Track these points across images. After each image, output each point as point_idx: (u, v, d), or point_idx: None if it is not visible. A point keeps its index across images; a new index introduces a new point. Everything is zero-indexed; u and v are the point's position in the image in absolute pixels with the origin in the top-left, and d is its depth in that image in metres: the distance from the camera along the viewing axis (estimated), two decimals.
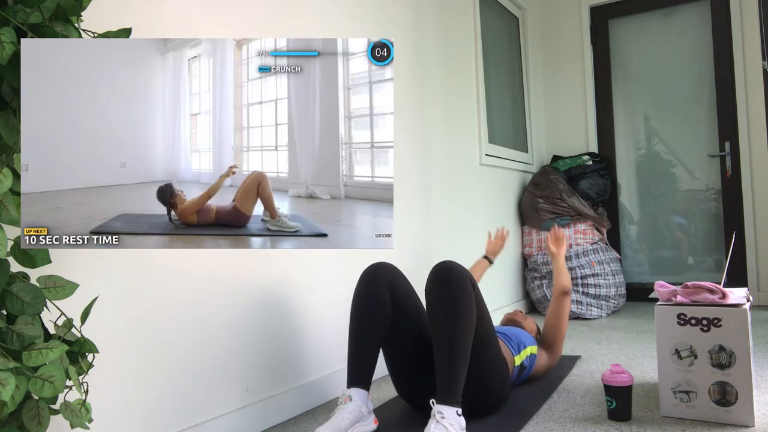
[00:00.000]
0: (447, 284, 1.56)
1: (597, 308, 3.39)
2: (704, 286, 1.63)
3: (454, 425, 1.43)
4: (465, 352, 1.52)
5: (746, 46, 3.56)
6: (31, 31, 0.97)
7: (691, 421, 1.62)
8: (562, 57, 4.15)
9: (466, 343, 1.53)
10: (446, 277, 1.57)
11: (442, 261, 1.63)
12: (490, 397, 1.70)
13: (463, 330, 1.53)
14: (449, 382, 1.49)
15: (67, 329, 1.05)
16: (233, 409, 1.66)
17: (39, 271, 1.20)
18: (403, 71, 2.54)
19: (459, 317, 1.53)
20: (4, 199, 0.95)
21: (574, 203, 3.49)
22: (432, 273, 1.61)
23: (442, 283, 1.57)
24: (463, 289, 1.56)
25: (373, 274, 1.73)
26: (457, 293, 1.55)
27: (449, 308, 1.54)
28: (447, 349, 1.51)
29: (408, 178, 2.54)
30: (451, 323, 1.52)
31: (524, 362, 1.95)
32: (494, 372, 1.68)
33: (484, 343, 1.64)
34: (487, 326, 1.66)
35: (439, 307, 1.55)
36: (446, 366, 1.51)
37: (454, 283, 1.56)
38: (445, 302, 1.55)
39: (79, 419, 1.01)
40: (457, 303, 1.54)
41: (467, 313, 1.55)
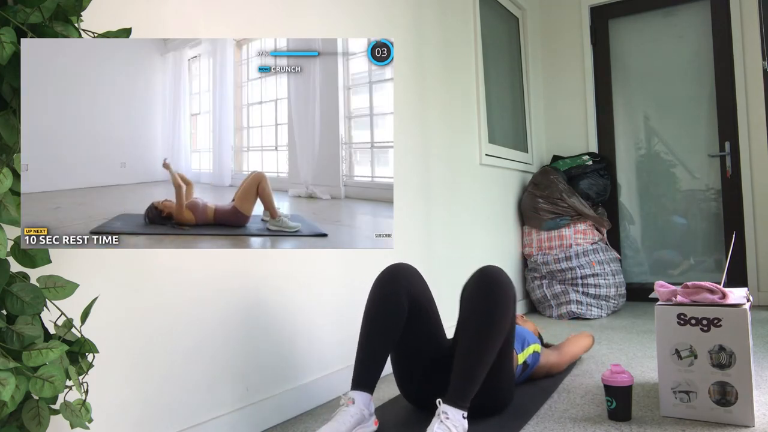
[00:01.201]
0: (490, 292, 1.53)
1: (597, 308, 3.39)
2: (704, 286, 1.63)
3: (457, 427, 1.44)
4: (488, 362, 1.52)
5: (746, 46, 3.56)
6: (31, 31, 0.97)
7: (691, 421, 1.62)
8: (562, 57, 4.15)
9: (491, 353, 1.52)
10: (490, 284, 1.54)
11: (489, 266, 1.59)
12: (498, 398, 1.70)
13: (494, 341, 1.52)
14: (464, 386, 1.49)
15: (67, 329, 1.05)
16: (233, 409, 1.66)
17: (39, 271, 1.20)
18: (403, 71, 2.54)
19: (493, 328, 1.51)
20: (4, 199, 0.95)
21: (574, 203, 3.49)
22: (477, 276, 1.57)
23: (485, 289, 1.54)
24: (505, 301, 1.53)
25: (393, 277, 1.68)
26: (498, 304, 1.52)
27: (486, 317, 1.52)
28: (472, 355, 1.50)
29: (408, 178, 2.53)
30: (484, 332, 1.51)
31: (527, 360, 1.95)
32: (506, 377, 1.68)
33: (504, 351, 1.62)
34: (511, 335, 1.64)
35: (475, 312, 1.53)
36: (466, 370, 1.50)
37: (497, 294, 1.53)
38: (483, 310, 1.52)
39: (79, 419, 1.01)
40: (495, 314, 1.52)
41: (502, 326, 1.53)
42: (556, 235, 3.48)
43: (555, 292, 3.44)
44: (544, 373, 2.09)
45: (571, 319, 3.38)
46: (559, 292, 3.42)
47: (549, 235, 3.51)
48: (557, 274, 3.45)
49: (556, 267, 3.44)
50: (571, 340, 2.27)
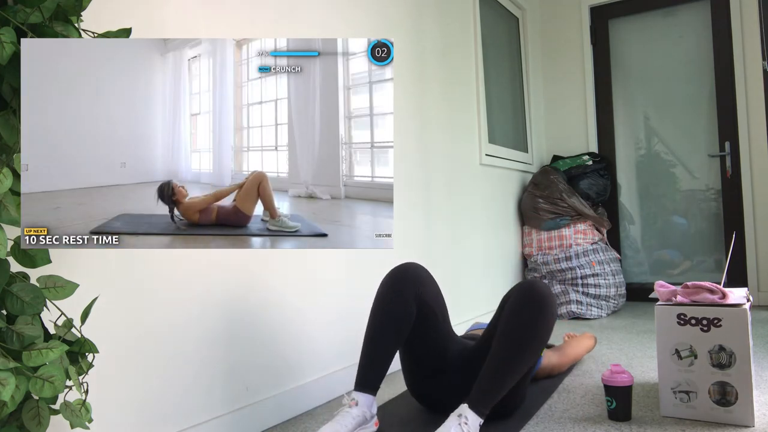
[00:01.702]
0: (537, 310, 1.52)
1: (597, 308, 3.39)
2: (704, 286, 1.63)
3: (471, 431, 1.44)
4: (518, 375, 1.53)
5: (746, 46, 3.56)
6: (31, 31, 0.97)
7: (691, 421, 1.61)
8: (562, 57, 4.15)
9: (525, 367, 1.53)
10: (540, 302, 1.53)
11: (539, 282, 1.58)
12: (511, 405, 1.69)
13: (530, 357, 1.53)
14: (488, 394, 1.49)
15: (67, 329, 1.05)
16: (233, 409, 1.66)
17: (39, 271, 1.20)
18: (403, 71, 2.54)
19: (533, 344, 1.52)
20: (4, 199, 0.95)
21: (574, 203, 3.49)
22: (527, 289, 1.56)
23: (533, 306, 1.53)
24: (550, 321, 1.54)
25: (402, 276, 1.66)
26: (543, 323, 1.52)
27: (526, 334, 1.52)
28: (503, 366, 1.50)
29: (408, 178, 2.53)
30: (524, 347, 1.51)
31: None
32: (523, 386, 1.68)
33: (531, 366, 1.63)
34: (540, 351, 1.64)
35: (519, 325, 1.52)
36: (496, 379, 1.50)
37: (545, 313, 1.53)
38: (528, 325, 1.52)
39: (79, 419, 1.01)
40: (538, 332, 1.52)
41: (541, 345, 1.55)
42: (556, 235, 3.48)
43: (555, 292, 3.44)
44: (545, 374, 2.09)
45: (571, 319, 3.38)
46: (559, 292, 3.43)
47: (549, 235, 3.51)
48: (557, 274, 3.45)
49: (556, 267, 3.44)
50: (573, 342, 2.27)
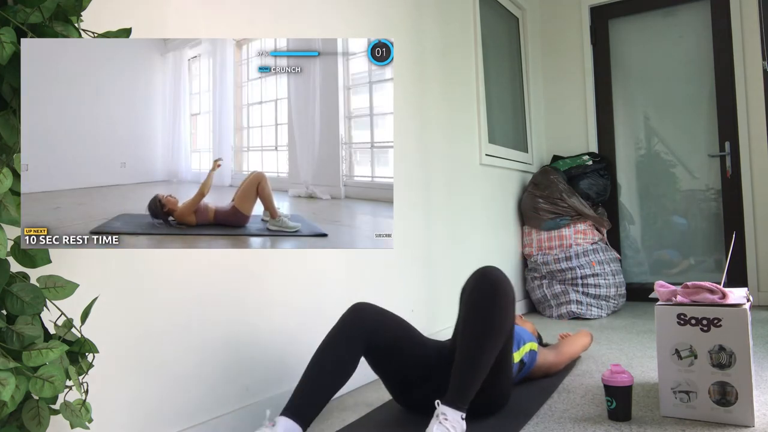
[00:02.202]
0: (491, 295, 1.52)
1: (597, 308, 3.39)
2: (704, 286, 1.63)
3: (456, 428, 1.43)
4: (487, 364, 1.51)
5: (746, 46, 3.56)
6: (31, 31, 0.97)
7: (691, 421, 1.62)
8: (562, 57, 4.15)
9: (491, 355, 1.51)
10: (491, 287, 1.53)
11: (489, 267, 1.57)
12: (496, 399, 1.70)
13: (494, 344, 1.51)
14: (463, 388, 1.48)
15: (67, 329, 1.05)
16: (233, 409, 1.66)
17: (39, 271, 1.20)
18: (403, 71, 2.54)
19: (494, 331, 1.50)
20: (4, 199, 0.95)
21: (574, 203, 3.49)
22: (478, 278, 1.56)
23: (485, 291, 1.52)
24: (506, 303, 1.52)
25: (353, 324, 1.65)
26: (499, 307, 1.51)
27: (487, 320, 1.51)
28: (472, 357, 1.49)
29: (408, 178, 2.54)
30: (485, 334, 1.50)
31: (524, 358, 1.95)
32: (505, 378, 1.68)
33: (504, 353, 1.61)
34: (511, 337, 1.63)
35: (476, 314, 1.52)
36: (465, 372, 1.49)
37: (498, 296, 1.52)
38: (484, 312, 1.51)
39: (79, 419, 1.01)
40: (496, 317, 1.51)
41: (503, 329, 1.52)
42: (556, 235, 3.48)
43: (555, 292, 3.44)
44: (542, 373, 2.09)
45: (571, 319, 3.38)
46: (559, 292, 3.42)
47: (549, 235, 3.51)
48: (557, 274, 3.45)
49: (556, 267, 3.44)
50: (570, 340, 2.27)
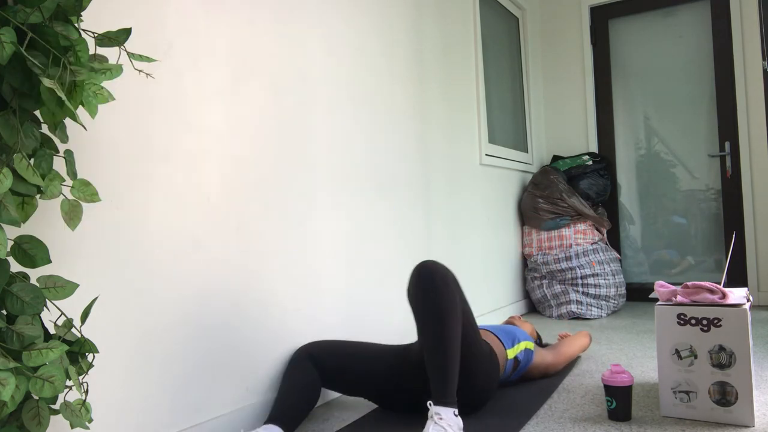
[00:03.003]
0: (430, 285, 1.54)
1: (597, 308, 3.39)
2: (704, 286, 1.63)
3: (452, 426, 1.43)
4: (455, 351, 1.52)
5: (746, 46, 3.56)
6: (31, 31, 0.97)
7: (691, 421, 1.62)
8: (562, 57, 4.15)
9: (455, 341, 1.52)
10: (429, 278, 1.54)
11: (423, 261, 1.60)
12: (476, 393, 1.70)
13: (451, 329, 1.52)
14: (444, 382, 1.49)
15: (67, 329, 1.05)
16: (233, 409, 1.66)
17: (39, 271, 1.20)
18: (403, 71, 2.54)
19: (446, 317, 1.52)
20: (4, 199, 0.95)
21: (574, 203, 3.49)
22: (413, 275, 1.58)
23: (425, 284, 1.54)
24: (444, 287, 1.54)
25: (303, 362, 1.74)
26: (440, 294, 1.53)
27: (435, 309, 1.52)
28: (438, 351, 1.50)
29: (408, 178, 2.54)
30: (439, 324, 1.51)
31: (518, 356, 1.96)
32: (479, 369, 1.68)
33: (469, 341, 1.64)
34: (472, 323, 1.66)
35: (425, 309, 1.53)
36: (439, 367, 1.50)
37: (437, 283, 1.54)
38: (430, 304, 1.53)
39: (79, 419, 1.01)
40: (442, 303, 1.52)
41: (453, 312, 1.53)
42: (556, 235, 3.48)
43: (555, 292, 3.44)
44: (540, 373, 2.08)
45: (571, 319, 3.38)
46: (559, 292, 3.43)
47: (549, 235, 3.51)
48: (557, 274, 3.45)
49: (556, 267, 3.44)
50: (568, 340, 2.27)
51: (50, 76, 0.96)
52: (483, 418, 1.71)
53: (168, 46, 1.53)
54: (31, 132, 1.02)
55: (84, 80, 1.01)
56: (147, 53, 1.47)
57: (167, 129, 1.51)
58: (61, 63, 0.98)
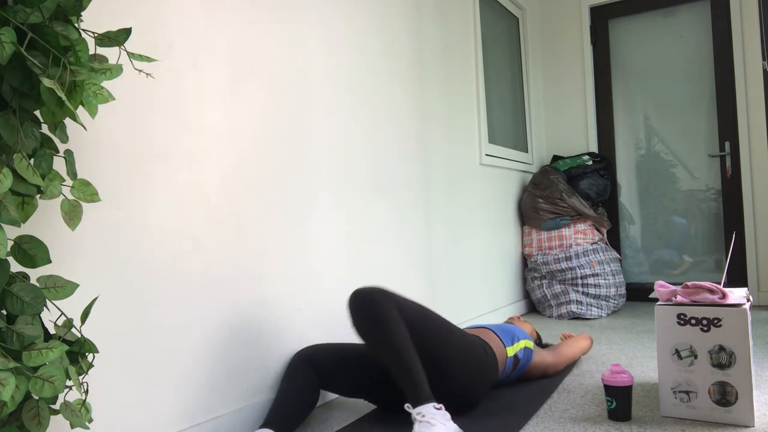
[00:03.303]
0: (359, 307, 1.58)
1: (597, 308, 3.39)
2: (704, 286, 1.63)
3: (436, 417, 1.44)
4: (409, 354, 1.54)
5: (746, 46, 3.56)
6: (31, 31, 0.97)
7: (691, 421, 1.62)
8: (562, 57, 4.15)
9: (404, 344, 1.55)
10: (358, 303, 1.59)
11: (354, 291, 1.65)
12: (463, 391, 1.71)
13: (395, 335, 1.55)
14: (412, 387, 1.51)
15: (67, 329, 1.05)
16: (233, 409, 1.66)
17: (39, 271, 1.20)
18: (403, 71, 2.54)
19: (385, 326, 1.55)
20: (4, 199, 0.95)
21: (574, 203, 3.49)
22: (348, 307, 1.63)
23: (357, 311, 1.59)
24: (376, 302, 1.58)
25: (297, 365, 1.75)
26: (372, 309, 1.57)
27: (371, 324, 1.56)
28: (392, 362, 1.53)
29: (408, 178, 2.54)
30: (383, 336, 1.54)
31: (518, 354, 1.97)
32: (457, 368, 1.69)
33: (440, 341, 1.66)
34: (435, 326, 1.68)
35: (365, 330, 1.57)
36: (401, 375, 1.53)
37: (367, 303, 1.58)
38: (365, 323, 1.57)
39: (79, 419, 1.01)
40: (377, 316, 1.56)
41: (391, 319, 1.57)
42: (556, 235, 3.48)
43: (555, 292, 3.44)
44: (540, 374, 2.09)
45: (571, 319, 3.38)
46: (559, 292, 3.42)
47: (549, 235, 3.51)
48: (557, 274, 3.45)
49: (556, 267, 3.44)
50: (569, 342, 2.27)
51: (50, 76, 0.96)
52: (483, 418, 1.72)
53: (168, 46, 1.53)
54: (31, 132, 1.02)
55: (84, 80, 1.01)
56: (147, 53, 1.47)
57: (167, 129, 1.51)
58: (61, 63, 0.98)
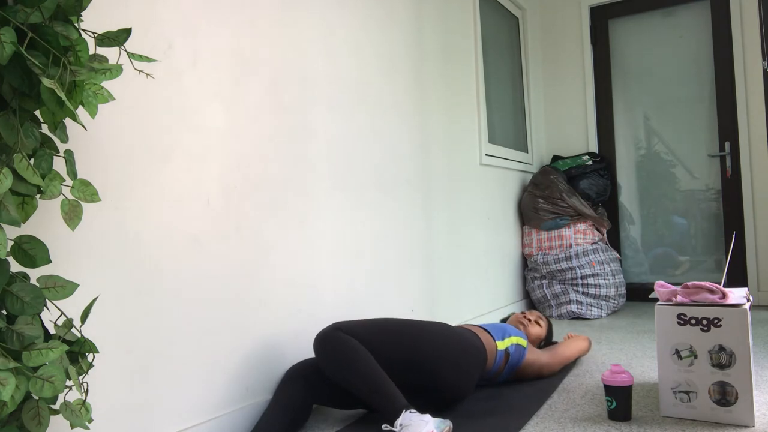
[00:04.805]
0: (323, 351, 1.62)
1: (597, 308, 3.39)
2: (704, 286, 1.63)
3: (413, 420, 1.47)
4: (375, 375, 1.58)
5: (746, 46, 3.56)
6: (31, 31, 0.97)
7: (691, 421, 1.62)
8: (562, 57, 4.15)
9: (367, 367, 1.58)
10: (318, 347, 1.63)
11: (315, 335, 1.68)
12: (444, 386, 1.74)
13: (357, 363, 1.58)
14: (384, 404, 1.54)
15: (67, 329, 1.05)
16: (233, 409, 1.66)
17: (39, 271, 1.20)
18: (403, 71, 2.54)
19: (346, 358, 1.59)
20: (4, 199, 0.95)
21: (574, 203, 3.49)
22: (314, 352, 1.65)
23: (319, 355, 1.63)
24: (333, 340, 1.61)
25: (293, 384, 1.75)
26: (329, 347, 1.61)
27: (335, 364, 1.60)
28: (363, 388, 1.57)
29: (408, 178, 2.54)
30: (347, 368, 1.58)
31: (509, 348, 1.98)
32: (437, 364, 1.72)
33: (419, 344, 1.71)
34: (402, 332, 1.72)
35: (332, 369, 1.61)
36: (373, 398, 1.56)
37: (326, 345, 1.61)
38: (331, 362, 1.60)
39: (79, 419, 1.01)
40: (337, 352, 1.60)
41: (350, 349, 1.60)
42: (556, 235, 3.48)
43: (555, 292, 3.44)
44: (535, 373, 2.08)
45: (571, 319, 3.38)
46: (559, 292, 3.42)
47: (549, 235, 3.51)
48: (557, 274, 3.45)
49: (556, 267, 3.44)
50: (566, 342, 2.26)
51: (50, 76, 0.96)
52: (483, 418, 1.72)
53: (168, 46, 1.53)
54: (31, 132, 1.02)
55: (84, 80, 1.01)
56: (147, 53, 1.47)
57: (167, 129, 1.51)
58: (61, 63, 0.98)
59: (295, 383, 1.71)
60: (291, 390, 1.70)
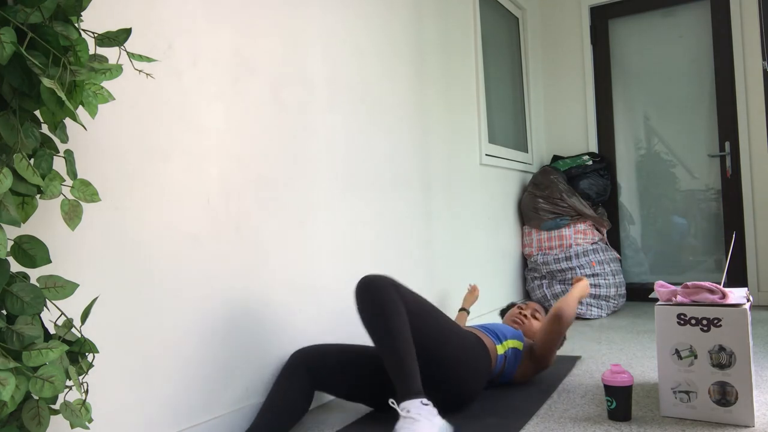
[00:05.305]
0: (367, 294, 1.58)
1: (597, 308, 3.39)
2: (704, 286, 1.63)
3: (421, 413, 1.43)
4: (406, 345, 1.53)
5: (746, 46, 3.56)
6: (31, 31, 0.97)
7: (691, 421, 1.62)
8: (562, 57, 4.15)
9: (402, 335, 1.54)
10: (365, 288, 1.59)
11: (362, 277, 1.64)
12: (459, 389, 1.72)
13: (396, 324, 1.54)
14: (402, 378, 1.50)
15: (67, 329, 1.05)
16: (233, 409, 1.66)
17: (39, 271, 1.20)
18: (403, 71, 2.54)
19: (387, 314, 1.55)
20: (4, 199, 0.95)
21: (574, 203, 3.49)
22: (355, 292, 1.63)
23: (362, 295, 1.59)
24: (383, 289, 1.58)
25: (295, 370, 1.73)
26: (377, 296, 1.57)
27: (376, 310, 1.55)
28: (388, 350, 1.52)
29: (408, 178, 2.54)
30: (383, 323, 1.54)
31: (507, 353, 1.96)
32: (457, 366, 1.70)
33: (442, 339, 1.67)
34: (438, 322, 1.69)
35: (368, 316, 1.57)
36: (394, 365, 1.51)
37: (373, 289, 1.58)
38: (370, 308, 1.57)
39: (79, 419, 1.01)
40: (381, 303, 1.56)
41: (395, 308, 1.56)
42: (556, 235, 3.48)
43: (555, 292, 3.44)
44: (533, 373, 2.05)
45: None
46: (560, 292, 3.42)
47: (549, 235, 3.51)
48: (557, 274, 3.45)
49: (556, 267, 3.44)
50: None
51: (50, 76, 0.96)
52: (483, 417, 1.72)
53: (168, 46, 1.53)
54: (31, 132, 1.02)
55: (84, 80, 1.01)
56: (147, 53, 1.47)
57: (167, 129, 1.51)
58: (61, 63, 0.98)
59: (295, 371, 1.71)
60: (290, 380, 1.69)
